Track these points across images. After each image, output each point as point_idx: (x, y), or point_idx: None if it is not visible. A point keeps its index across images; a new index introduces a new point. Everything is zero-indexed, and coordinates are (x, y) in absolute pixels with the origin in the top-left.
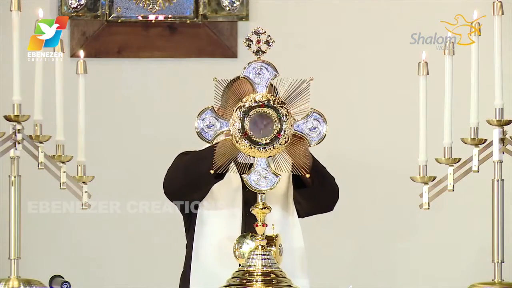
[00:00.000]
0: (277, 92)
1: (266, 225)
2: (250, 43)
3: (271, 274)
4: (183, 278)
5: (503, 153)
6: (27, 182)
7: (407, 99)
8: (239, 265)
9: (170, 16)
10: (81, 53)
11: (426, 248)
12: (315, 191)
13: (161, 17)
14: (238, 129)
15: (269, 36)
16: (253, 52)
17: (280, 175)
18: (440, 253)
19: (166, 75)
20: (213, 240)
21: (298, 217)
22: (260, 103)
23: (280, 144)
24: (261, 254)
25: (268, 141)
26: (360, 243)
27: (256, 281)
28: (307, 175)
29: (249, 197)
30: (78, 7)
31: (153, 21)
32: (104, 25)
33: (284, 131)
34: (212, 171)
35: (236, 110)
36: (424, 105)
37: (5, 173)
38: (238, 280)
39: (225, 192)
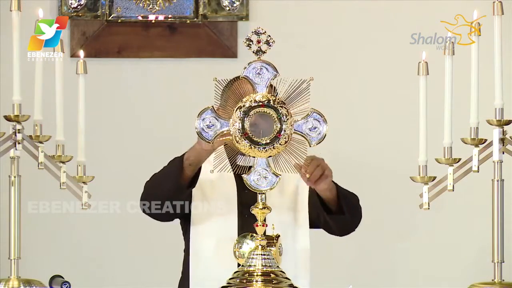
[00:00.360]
0: (277, 93)
1: (266, 225)
2: (250, 43)
3: (271, 274)
4: (182, 283)
5: (503, 153)
6: (27, 182)
7: (407, 99)
8: (238, 264)
9: (170, 16)
10: (81, 53)
11: (426, 248)
12: (346, 220)
13: (161, 17)
14: (238, 129)
15: (269, 36)
16: (253, 52)
17: (280, 175)
18: (440, 253)
19: (166, 75)
20: (210, 242)
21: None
22: (260, 103)
23: (280, 144)
24: (261, 254)
25: (268, 141)
26: (360, 243)
27: (256, 281)
28: (307, 175)
29: (244, 198)
30: (78, 7)
31: (153, 21)
32: (104, 25)
33: (284, 131)
34: (212, 171)
35: (236, 110)
36: (424, 105)
37: (5, 173)
38: (238, 280)
39: (219, 194)
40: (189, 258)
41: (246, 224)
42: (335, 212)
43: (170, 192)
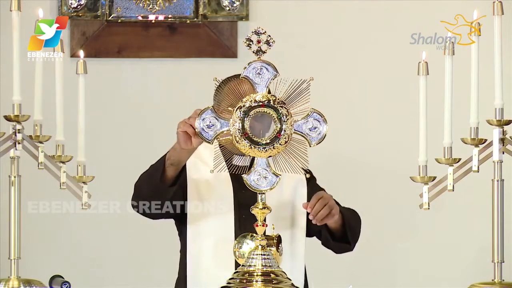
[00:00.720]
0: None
1: (266, 225)
2: (250, 43)
3: (271, 274)
4: (178, 284)
5: (503, 153)
6: (27, 182)
7: (407, 99)
8: (236, 265)
9: (170, 16)
10: (81, 53)
11: (426, 248)
12: (350, 249)
13: (161, 17)
14: (238, 129)
15: (269, 36)
16: (253, 52)
17: (280, 175)
18: (440, 253)
19: (166, 75)
20: (207, 242)
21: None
22: (260, 103)
23: (280, 144)
24: (261, 254)
25: (268, 141)
26: (360, 243)
27: (256, 281)
28: (307, 175)
29: (241, 198)
30: (78, 7)
31: (153, 21)
32: (104, 25)
33: (284, 131)
34: (211, 171)
35: (236, 110)
36: (424, 105)
37: (5, 173)
38: (238, 280)
39: (215, 194)
40: (186, 258)
41: (244, 224)
42: (339, 239)
43: (156, 192)
